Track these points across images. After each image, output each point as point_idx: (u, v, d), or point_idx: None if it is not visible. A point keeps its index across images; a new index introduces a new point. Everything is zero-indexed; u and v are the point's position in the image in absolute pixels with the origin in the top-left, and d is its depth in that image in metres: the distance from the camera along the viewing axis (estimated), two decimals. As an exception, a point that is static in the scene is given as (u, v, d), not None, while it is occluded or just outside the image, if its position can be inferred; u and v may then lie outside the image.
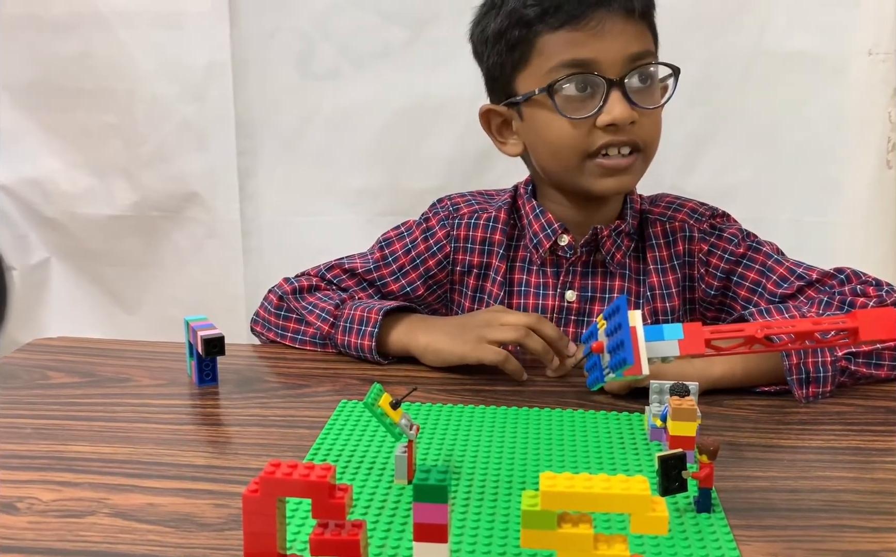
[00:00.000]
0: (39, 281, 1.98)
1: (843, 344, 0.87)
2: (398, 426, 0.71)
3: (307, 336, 1.10)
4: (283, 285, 1.15)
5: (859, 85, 1.66)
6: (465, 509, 0.68)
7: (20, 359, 1.06)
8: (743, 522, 0.67)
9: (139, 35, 1.80)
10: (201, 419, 0.90)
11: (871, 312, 0.68)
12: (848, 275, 1.04)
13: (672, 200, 1.14)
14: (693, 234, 1.10)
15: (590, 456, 0.78)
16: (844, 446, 0.82)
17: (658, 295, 1.10)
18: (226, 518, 0.67)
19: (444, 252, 1.15)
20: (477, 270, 1.14)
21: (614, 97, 0.99)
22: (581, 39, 1.00)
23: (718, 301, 1.11)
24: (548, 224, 1.10)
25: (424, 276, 1.15)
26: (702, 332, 0.67)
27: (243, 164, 1.84)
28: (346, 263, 1.17)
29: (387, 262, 1.16)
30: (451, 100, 1.74)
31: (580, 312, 1.11)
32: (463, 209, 1.16)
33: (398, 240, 1.17)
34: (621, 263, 1.10)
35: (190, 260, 1.92)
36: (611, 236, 1.09)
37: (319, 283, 1.16)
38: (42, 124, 1.89)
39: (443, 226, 1.15)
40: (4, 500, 0.69)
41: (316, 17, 1.76)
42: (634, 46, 1.00)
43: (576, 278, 1.11)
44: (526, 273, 1.13)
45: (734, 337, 0.69)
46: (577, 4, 0.99)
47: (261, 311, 1.16)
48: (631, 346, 0.64)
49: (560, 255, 1.11)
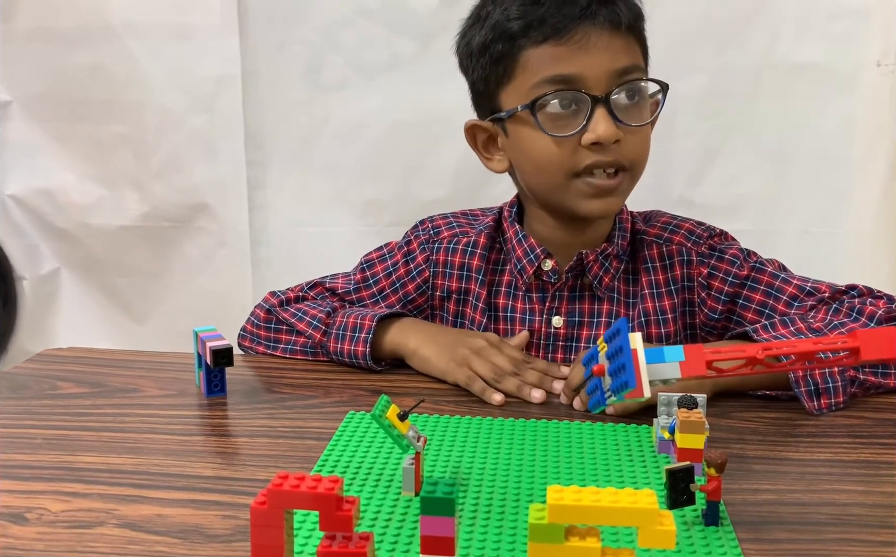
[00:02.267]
0: (49, 291, 2.00)
1: (844, 364, 0.86)
2: (406, 437, 0.71)
3: (298, 346, 1.10)
4: (270, 298, 1.15)
5: (868, 96, 1.66)
6: (473, 522, 0.68)
7: (30, 370, 1.07)
8: (751, 535, 0.66)
9: (150, 47, 1.82)
10: (209, 430, 0.90)
11: (872, 332, 0.68)
12: (860, 291, 1.02)
13: (668, 221, 1.10)
14: (691, 258, 1.07)
15: (597, 469, 0.78)
16: (853, 459, 0.82)
17: (653, 321, 1.06)
18: (233, 529, 0.67)
19: (423, 277, 1.13)
20: (456, 295, 1.13)
21: (599, 114, 0.96)
22: (565, 54, 0.96)
23: (722, 325, 1.07)
24: (530, 249, 1.07)
25: (404, 301, 1.14)
26: (703, 354, 0.67)
27: (252, 175, 1.86)
28: (328, 282, 1.17)
29: (367, 285, 1.15)
30: (459, 111, 1.72)
31: (568, 338, 1.08)
32: (443, 232, 1.14)
33: (380, 263, 1.16)
34: (610, 287, 1.07)
35: (199, 270, 1.93)
36: (597, 260, 1.05)
37: (307, 294, 1.16)
38: (53, 135, 1.91)
39: (423, 250, 1.14)
40: (14, 511, 0.70)
41: (325, 29, 1.77)
42: (621, 61, 0.97)
43: (562, 303, 1.08)
44: (511, 298, 1.10)
45: (735, 359, 0.69)
46: (561, 18, 0.96)
47: (248, 326, 1.16)
48: (632, 369, 0.64)
49: (545, 281, 1.08)
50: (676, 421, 0.74)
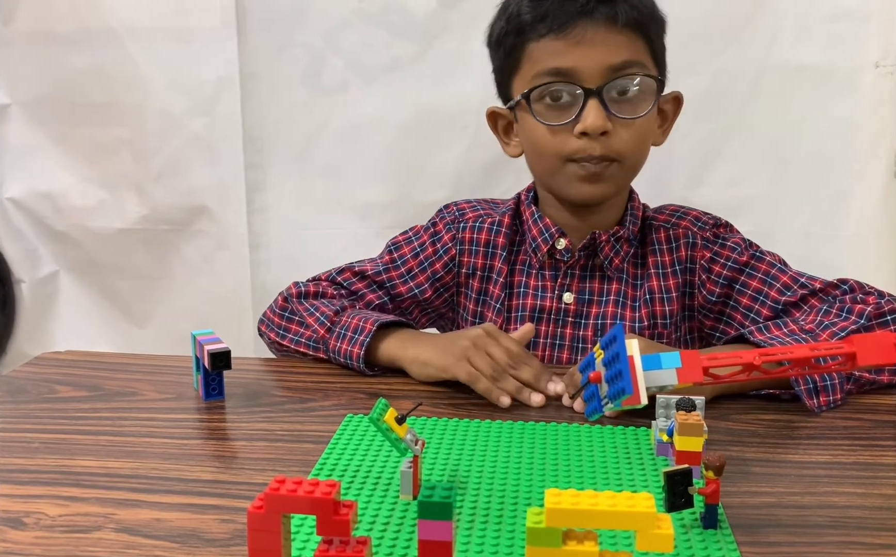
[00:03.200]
0: (48, 294, 2.00)
1: (841, 370, 0.86)
2: (403, 441, 0.71)
3: (303, 338, 1.11)
4: (292, 288, 1.17)
5: (867, 97, 1.66)
6: (471, 526, 0.68)
7: (28, 373, 1.06)
8: (749, 538, 0.66)
9: (149, 50, 1.82)
10: (207, 433, 0.90)
11: (868, 337, 0.68)
12: (851, 286, 1.05)
13: (676, 208, 1.16)
14: (696, 241, 1.12)
15: (596, 472, 0.78)
16: (852, 461, 0.81)
17: (657, 298, 1.12)
18: (231, 533, 0.67)
19: (449, 254, 1.18)
20: (481, 272, 1.17)
21: (590, 106, 1.01)
22: (562, 48, 1.02)
23: (718, 308, 1.12)
24: (545, 228, 1.13)
25: (432, 279, 1.18)
26: (699, 360, 0.67)
27: (252, 178, 1.86)
28: (356, 266, 1.20)
29: (395, 265, 1.18)
30: (459, 113, 1.75)
31: (577, 314, 1.14)
32: (468, 214, 1.20)
33: (406, 244, 1.20)
34: (619, 268, 1.13)
35: (199, 273, 1.93)
36: (609, 241, 1.11)
37: (328, 289, 1.17)
38: (52, 138, 1.91)
39: (448, 230, 1.19)
40: (12, 515, 0.70)
41: (324, 32, 1.77)
42: (617, 57, 1.02)
43: (573, 281, 1.14)
44: (525, 275, 1.16)
45: (732, 365, 0.69)
46: (562, 14, 1.02)
47: (267, 312, 1.18)
48: (629, 376, 0.63)
49: (558, 259, 1.13)
50: (675, 424, 0.74)
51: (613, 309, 1.12)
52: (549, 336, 1.14)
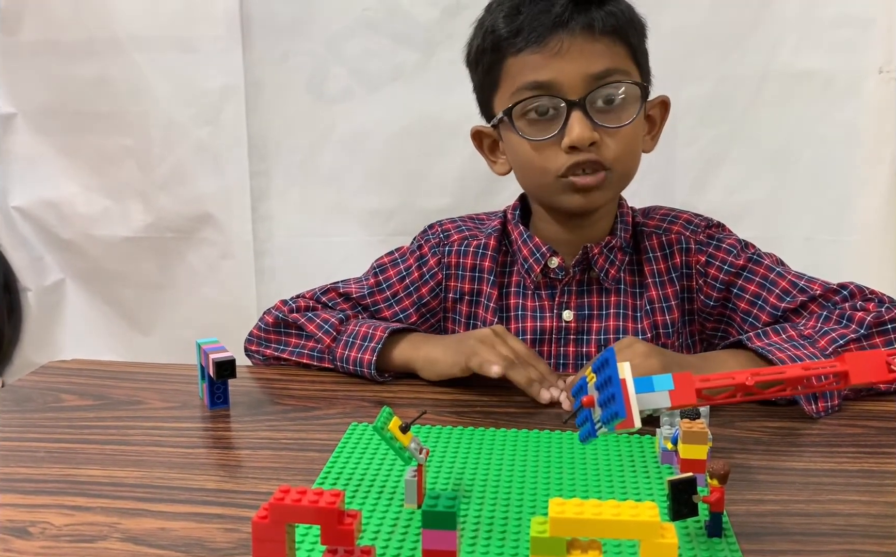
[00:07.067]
0: (54, 302, 2.00)
1: (834, 389, 0.86)
2: (408, 450, 0.71)
3: (306, 349, 1.11)
4: (281, 306, 1.16)
5: (871, 103, 1.66)
6: (475, 535, 0.68)
7: (34, 382, 1.07)
8: (754, 547, 0.66)
9: (154, 59, 1.83)
10: (212, 442, 0.90)
11: (860, 355, 0.67)
12: (851, 291, 1.04)
13: (666, 212, 1.14)
14: (690, 246, 1.10)
15: (600, 480, 0.78)
16: (857, 469, 0.81)
17: (658, 308, 1.10)
18: (236, 542, 0.67)
19: (436, 279, 1.16)
20: (468, 297, 1.15)
21: (574, 118, 0.99)
22: (540, 62, 1.00)
23: (718, 312, 1.11)
24: (536, 248, 1.10)
25: (417, 304, 1.16)
26: (692, 382, 0.67)
27: (257, 186, 1.86)
28: (341, 287, 1.18)
29: (381, 289, 1.16)
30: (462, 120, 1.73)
31: (578, 331, 1.11)
32: (453, 236, 1.17)
33: (392, 267, 1.17)
34: (616, 279, 1.10)
35: (204, 281, 1.94)
36: (602, 253, 1.09)
37: (315, 306, 1.16)
38: (58, 147, 1.91)
39: (434, 254, 1.16)
40: (17, 525, 0.70)
41: (328, 41, 1.78)
42: (597, 65, 0.99)
43: (571, 297, 1.11)
44: (521, 297, 1.13)
45: (725, 386, 0.68)
46: (538, 26, 1.00)
47: (255, 331, 1.17)
48: (622, 399, 0.63)
49: (553, 278, 1.11)
50: (679, 432, 0.74)
51: (615, 323, 1.10)
52: (552, 356, 1.12)
